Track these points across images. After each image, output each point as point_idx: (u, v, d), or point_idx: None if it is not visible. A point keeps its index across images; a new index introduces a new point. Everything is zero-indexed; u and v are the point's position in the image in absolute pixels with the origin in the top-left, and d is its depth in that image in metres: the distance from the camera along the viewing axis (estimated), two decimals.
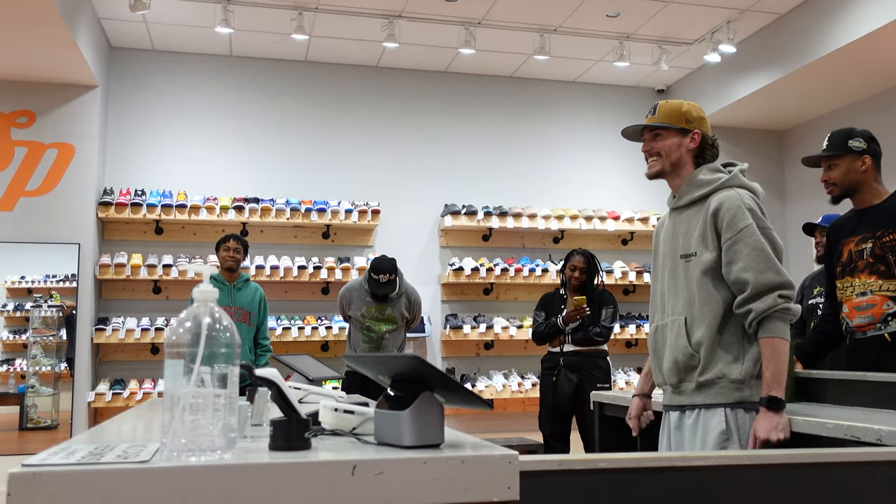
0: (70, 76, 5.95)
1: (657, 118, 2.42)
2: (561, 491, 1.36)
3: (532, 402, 6.62)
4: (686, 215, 2.38)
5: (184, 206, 6.24)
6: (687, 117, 2.40)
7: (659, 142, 2.41)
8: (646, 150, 2.45)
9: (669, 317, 2.36)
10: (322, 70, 7.02)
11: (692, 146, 2.40)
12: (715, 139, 2.45)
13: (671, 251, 2.41)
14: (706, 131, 2.42)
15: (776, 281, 2.18)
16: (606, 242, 7.35)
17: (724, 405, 2.21)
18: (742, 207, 2.26)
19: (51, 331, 6.14)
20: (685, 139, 2.39)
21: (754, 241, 2.22)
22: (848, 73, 6.06)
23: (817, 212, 6.95)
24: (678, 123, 2.39)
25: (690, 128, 2.40)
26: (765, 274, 2.18)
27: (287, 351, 6.14)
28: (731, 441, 2.19)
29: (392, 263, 4.94)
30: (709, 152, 2.42)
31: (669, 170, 2.42)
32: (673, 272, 2.38)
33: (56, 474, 1.11)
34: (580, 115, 7.53)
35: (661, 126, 2.41)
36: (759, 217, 2.27)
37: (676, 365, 2.30)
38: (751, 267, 2.19)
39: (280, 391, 1.38)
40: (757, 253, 2.21)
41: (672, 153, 2.40)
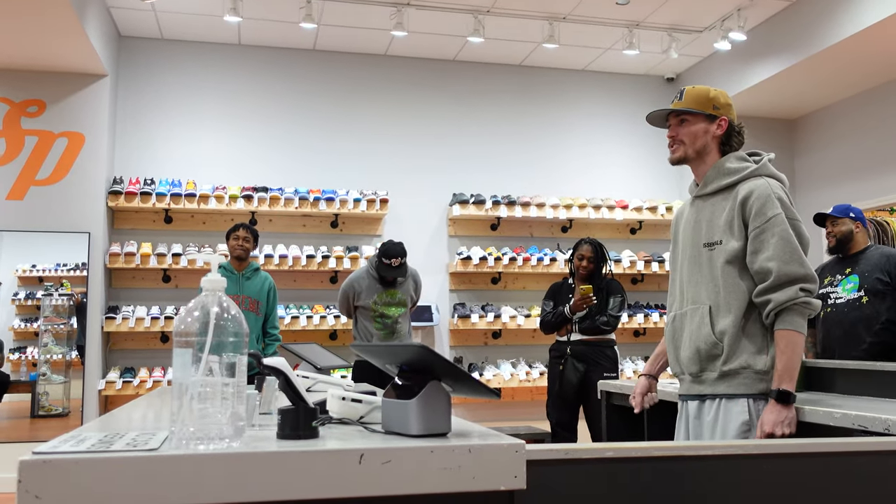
0: (79, 65, 5.97)
1: (684, 103, 2.38)
2: (567, 480, 1.36)
3: (540, 391, 6.63)
4: (710, 203, 2.36)
5: (193, 195, 6.25)
6: (714, 103, 2.37)
7: (685, 127, 2.38)
8: (671, 136, 2.41)
9: (689, 305, 2.33)
10: (331, 59, 7.01)
11: (718, 133, 2.37)
12: (741, 127, 2.41)
13: (692, 239, 2.38)
14: (733, 118, 2.40)
15: (799, 273, 2.17)
16: (615, 231, 7.33)
17: (747, 396, 2.19)
18: (772, 197, 2.24)
19: (62, 319, 6.18)
20: (712, 126, 2.37)
21: (782, 230, 2.20)
22: (859, 61, 6.01)
23: (827, 201, 6.92)
24: (706, 109, 2.36)
25: (718, 114, 2.37)
26: (789, 265, 2.17)
27: (295, 340, 6.16)
28: (752, 432, 2.18)
29: (401, 247, 4.98)
30: (735, 140, 2.39)
31: (693, 156, 2.39)
32: (694, 260, 2.35)
33: (66, 462, 1.12)
34: (589, 103, 7.50)
35: (688, 111, 2.37)
36: (788, 208, 2.25)
37: (698, 353, 2.27)
38: (776, 257, 2.18)
39: (288, 380, 1.39)
40: (784, 243, 2.19)
41: (698, 139, 2.37)
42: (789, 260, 2.17)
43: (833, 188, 7.00)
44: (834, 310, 4.03)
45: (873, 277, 3.91)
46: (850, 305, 3.96)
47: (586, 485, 1.37)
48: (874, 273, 3.92)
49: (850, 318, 3.94)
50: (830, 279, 4.11)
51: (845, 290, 4.00)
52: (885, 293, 3.88)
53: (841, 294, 4.01)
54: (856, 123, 6.80)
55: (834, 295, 4.05)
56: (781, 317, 2.17)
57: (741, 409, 2.19)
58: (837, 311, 4.01)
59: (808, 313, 2.18)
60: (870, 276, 3.92)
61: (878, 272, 3.91)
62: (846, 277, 4.03)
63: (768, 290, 2.18)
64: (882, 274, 3.90)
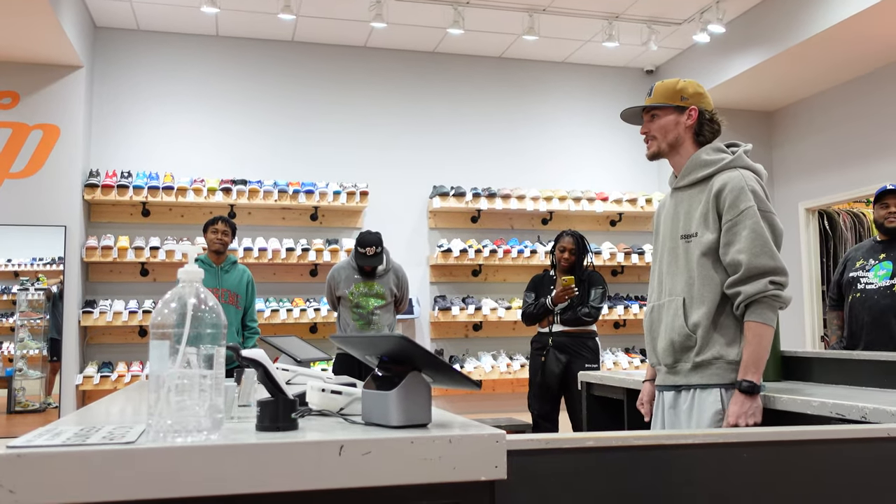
0: (54, 56, 5.88)
1: (653, 99, 2.40)
2: (549, 470, 1.36)
3: (521, 382, 6.66)
4: (688, 195, 2.37)
5: (170, 187, 6.20)
6: (682, 94, 2.37)
7: (656, 122, 2.39)
8: (644, 132, 2.42)
9: (666, 297, 2.35)
10: (310, 50, 6.97)
11: (689, 123, 2.37)
12: (714, 114, 2.40)
13: (671, 231, 2.39)
14: (704, 107, 2.39)
15: (769, 266, 2.18)
16: (595, 223, 7.36)
17: (719, 385, 2.22)
18: (745, 189, 2.24)
19: (38, 314, 6.10)
20: (682, 117, 2.37)
21: (753, 223, 2.20)
22: (837, 53, 6.06)
23: (805, 192, 7.00)
24: (673, 101, 2.36)
25: (686, 104, 2.36)
26: (760, 258, 2.18)
27: (275, 333, 6.13)
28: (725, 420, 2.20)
29: (377, 236, 4.97)
30: (707, 128, 2.38)
31: (667, 150, 2.39)
32: (672, 252, 2.37)
33: (41, 455, 1.10)
34: (569, 96, 7.51)
35: (656, 106, 2.38)
36: (761, 200, 2.25)
37: (672, 345, 2.30)
38: (746, 249, 2.19)
39: (267, 372, 1.38)
40: (755, 236, 2.20)
41: (669, 132, 2.37)
42: (760, 252, 2.18)
43: (810, 180, 7.07)
44: (863, 295, 3.85)
45: None
46: (880, 292, 3.79)
47: (567, 474, 1.38)
48: None
49: (879, 306, 3.78)
50: (863, 263, 3.94)
51: (877, 276, 3.83)
52: None
53: (872, 280, 3.85)
54: (833, 115, 6.86)
55: (864, 280, 3.89)
56: (751, 309, 2.19)
57: (714, 398, 2.22)
58: (867, 296, 3.83)
59: (777, 306, 2.19)
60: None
61: None
62: (879, 263, 3.86)
63: (738, 282, 2.20)
64: None
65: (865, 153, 6.49)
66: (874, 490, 1.54)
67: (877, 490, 1.54)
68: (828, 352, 2.79)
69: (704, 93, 2.41)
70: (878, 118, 6.40)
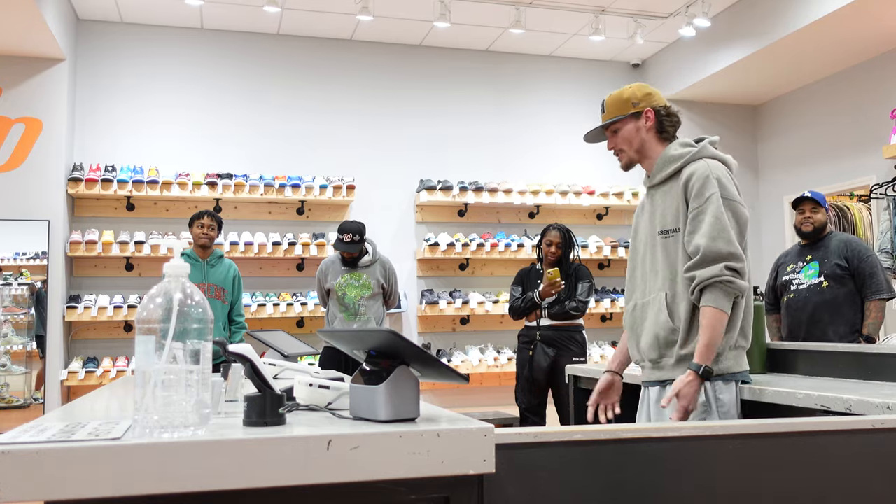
0: (36, 49, 5.82)
1: (607, 115, 2.43)
2: (537, 463, 1.37)
3: (508, 376, 6.67)
4: (661, 192, 2.39)
5: (155, 181, 6.16)
6: (633, 101, 2.39)
7: (618, 135, 2.42)
8: (611, 148, 2.45)
9: (650, 294, 2.36)
10: (295, 43, 6.93)
11: (649, 125, 2.39)
12: (669, 108, 2.43)
13: (650, 229, 2.41)
14: (657, 105, 2.40)
15: (725, 251, 2.18)
16: (582, 217, 7.38)
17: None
18: (710, 177, 2.26)
19: (22, 309, 6.05)
20: (640, 122, 2.39)
21: (714, 209, 2.22)
22: (822, 47, 6.09)
23: (790, 186, 7.04)
24: (627, 111, 2.39)
25: (640, 109, 2.39)
26: (716, 242, 2.19)
27: (262, 328, 6.11)
28: (710, 412, 2.22)
29: (357, 225, 4.95)
30: (667, 122, 2.41)
31: (637, 157, 2.42)
32: (652, 249, 2.38)
33: (27, 452, 1.09)
34: (556, 89, 7.51)
35: (612, 121, 2.41)
36: (724, 187, 2.27)
37: (657, 340, 2.31)
38: (705, 234, 2.20)
39: (254, 366, 1.37)
40: (714, 221, 2.21)
41: (633, 140, 2.40)
42: (717, 237, 2.19)
43: (796, 173, 7.11)
44: (797, 295, 4.16)
45: (832, 263, 4.06)
46: (812, 290, 4.10)
47: (556, 467, 1.38)
48: (833, 259, 4.07)
49: (812, 303, 4.08)
50: (793, 266, 4.25)
51: (807, 277, 4.14)
52: (844, 278, 4.04)
53: (803, 280, 4.15)
54: (818, 109, 6.90)
55: (797, 281, 4.19)
56: (705, 293, 2.19)
57: None
58: (800, 295, 4.15)
59: (732, 292, 2.19)
60: (829, 262, 4.08)
61: (837, 258, 4.07)
62: (807, 264, 4.18)
63: (694, 266, 2.21)
64: (841, 259, 4.06)
65: (850, 146, 6.54)
66: (859, 481, 1.55)
67: (861, 481, 1.55)
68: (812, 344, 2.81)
69: (653, 91, 2.43)
70: (863, 112, 6.44)
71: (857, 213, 6.26)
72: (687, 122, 7.28)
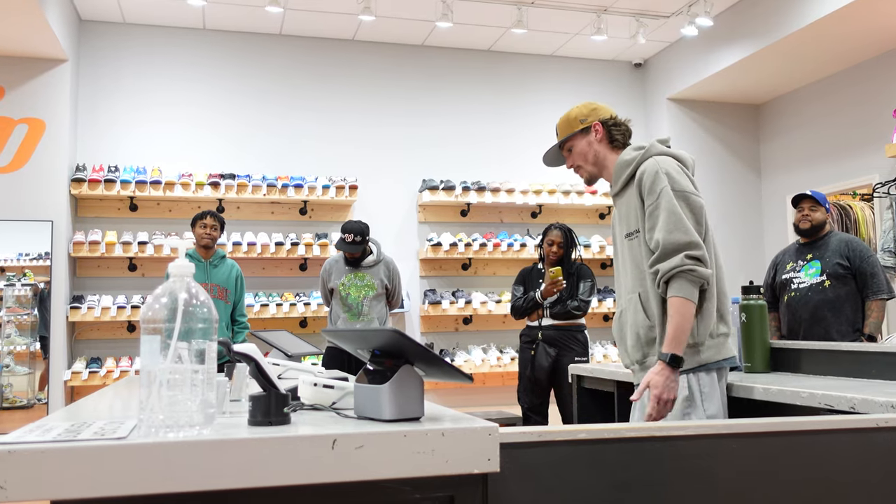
0: (39, 50, 5.83)
1: (559, 136, 2.54)
2: (541, 462, 1.37)
3: (511, 376, 6.67)
4: (624, 198, 2.45)
5: (158, 182, 6.16)
6: (580, 118, 2.49)
7: (574, 153, 2.52)
8: (569, 167, 2.57)
9: (626, 296, 2.41)
10: (298, 44, 6.94)
11: (599, 137, 2.48)
12: (615, 117, 2.50)
13: (619, 234, 2.49)
14: (603, 117, 2.48)
15: (683, 241, 2.21)
16: (584, 217, 7.38)
17: (685, 371, 2.24)
18: (659, 173, 2.30)
19: (25, 310, 6.06)
20: (589, 136, 2.48)
21: (667, 202, 2.26)
22: (824, 46, 6.09)
23: (793, 185, 7.03)
24: (576, 128, 2.49)
25: (588, 123, 2.48)
26: (673, 234, 2.22)
27: (265, 328, 6.12)
28: (693, 407, 2.23)
29: (360, 225, 4.95)
30: (616, 131, 2.48)
31: (596, 170, 2.51)
32: (623, 254, 2.45)
33: (33, 451, 1.10)
34: (558, 89, 7.51)
35: (565, 140, 2.51)
36: (674, 179, 2.30)
37: (639, 340, 2.34)
38: (661, 227, 2.24)
39: (259, 366, 1.37)
40: (667, 214, 2.25)
41: (588, 154, 2.49)
42: (673, 229, 2.23)
43: (798, 172, 7.10)
44: (798, 294, 4.17)
45: (834, 262, 4.08)
46: (813, 289, 4.12)
47: (560, 466, 1.38)
48: (834, 258, 4.10)
49: (814, 302, 4.10)
50: (793, 265, 4.26)
51: (808, 275, 4.16)
52: (846, 277, 4.06)
53: (804, 279, 4.16)
54: (820, 108, 6.89)
55: (797, 280, 4.20)
56: (670, 285, 2.22)
57: (681, 385, 2.23)
58: (801, 294, 4.16)
59: (695, 280, 2.21)
60: (830, 261, 4.10)
61: (838, 257, 4.10)
62: (808, 263, 4.19)
63: (656, 260, 2.25)
64: (842, 259, 4.09)
65: (852, 145, 6.53)
66: (863, 480, 1.55)
67: (865, 480, 1.55)
68: (816, 343, 2.81)
69: (599, 106, 2.52)
70: (866, 110, 6.43)
71: (859, 213, 6.25)
72: (689, 122, 7.32)
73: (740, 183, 7.45)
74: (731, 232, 7.28)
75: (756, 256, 7.28)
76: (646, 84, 7.69)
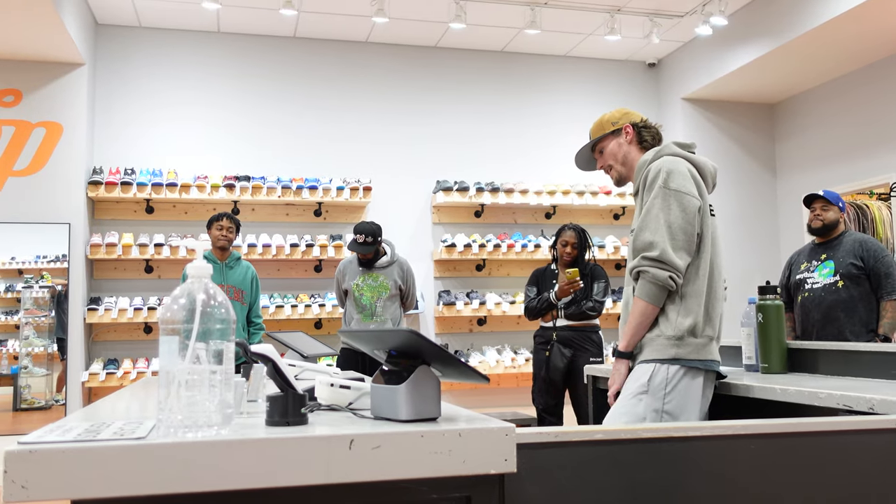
0: (56, 54, 5.89)
1: (592, 137, 2.63)
2: (558, 463, 1.37)
3: (525, 377, 6.66)
4: (639, 197, 2.48)
5: (174, 184, 6.20)
6: (612, 121, 2.58)
7: (605, 154, 2.59)
8: (600, 167, 2.64)
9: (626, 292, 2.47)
10: (311, 46, 6.96)
11: (629, 139, 2.54)
12: (646, 121, 2.58)
13: None
14: (636, 120, 2.56)
15: (647, 241, 2.27)
16: (598, 217, 7.36)
17: (654, 361, 2.25)
18: (660, 172, 2.33)
19: (42, 311, 6.12)
20: (620, 138, 2.55)
21: (651, 202, 2.31)
22: (839, 45, 6.04)
23: (809, 185, 6.98)
24: (607, 129, 2.57)
25: (619, 126, 2.56)
26: (643, 233, 2.30)
27: (280, 329, 6.14)
28: (648, 395, 2.22)
29: (372, 226, 4.96)
30: (646, 133, 2.54)
31: (625, 170, 2.56)
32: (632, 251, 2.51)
33: (53, 451, 1.11)
34: (572, 89, 7.50)
35: (597, 140, 2.60)
36: (671, 178, 2.31)
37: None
38: (639, 226, 2.33)
39: (276, 366, 1.38)
40: (646, 213, 2.31)
41: (618, 155, 2.56)
42: (644, 228, 2.30)
43: (814, 171, 7.06)
44: (812, 294, 4.15)
45: (847, 262, 4.06)
46: (827, 289, 4.09)
47: (577, 467, 1.38)
48: (848, 258, 4.07)
49: (827, 302, 4.07)
50: (807, 265, 4.24)
51: (822, 276, 4.13)
52: (860, 277, 4.04)
53: (818, 279, 4.14)
54: (836, 107, 6.84)
55: (811, 280, 4.17)
56: (637, 283, 2.30)
57: (643, 371, 2.26)
58: (815, 294, 4.14)
59: (651, 281, 2.25)
60: (844, 262, 4.07)
61: (852, 258, 4.07)
62: (822, 263, 4.17)
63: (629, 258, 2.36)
64: (856, 259, 4.06)
65: (869, 144, 6.48)
66: (882, 481, 1.54)
67: (884, 481, 1.54)
68: (833, 343, 2.79)
69: (629, 111, 2.60)
70: (881, 109, 6.38)
71: (876, 212, 6.20)
72: (703, 122, 7.29)
73: (756, 183, 7.40)
74: (747, 232, 7.24)
75: (772, 256, 7.24)
76: (660, 84, 7.66)
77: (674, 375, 2.24)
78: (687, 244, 2.27)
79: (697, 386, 2.26)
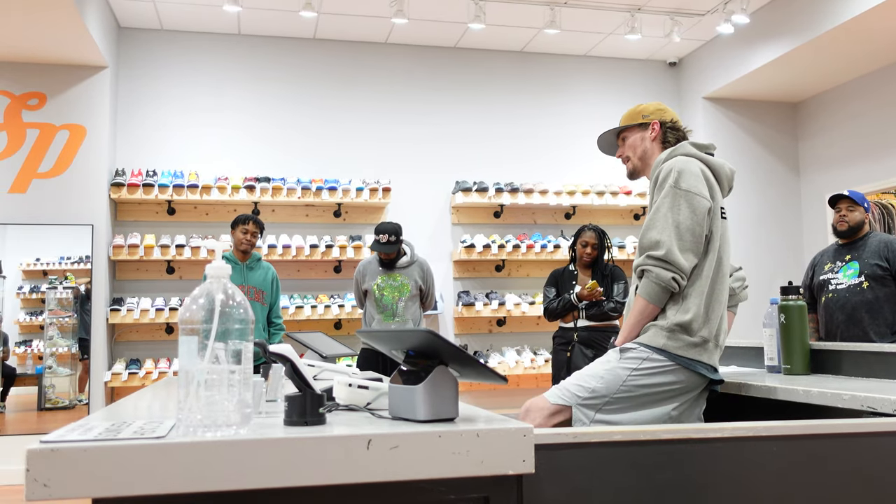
0: (79, 57, 5.95)
1: (619, 125, 2.62)
2: (576, 464, 1.36)
3: (544, 377, 6.64)
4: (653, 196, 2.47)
5: (195, 186, 6.25)
6: (643, 113, 2.56)
7: (626, 143, 2.58)
8: (619, 155, 2.62)
9: None
10: (331, 47, 6.99)
11: (654, 136, 2.53)
12: (676, 122, 2.55)
13: None
14: (665, 119, 2.54)
15: (653, 240, 2.26)
16: (618, 218, 7.32)
17: (643, 345, 2.23)
18: (672, 171, 2.32)
19: (66, 312, 6.19)
20: (646, 132, 2.54)
21: (659, 201, 2.30)
22: (864, 42, 5.97)
23: (833, 184, 6.91)
24: (635, 121, 2.56)
25: (648, 120, 2.54)
26: (649, 232, 2.29)
27: (300, 329, 6.17)
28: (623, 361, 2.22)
29: (393, 225, 4.98)
30: (671, 134, 2.52)
31: (641, 165, 2.55)
32: None
33: (74, 450, 1.12)
34: (592, 89, 7.47)
35: (622, 128, 2.59)
36: (682, 177, 2.30)
37: None
38: (644, 225, 2.33)
39: (294, 366, 1.39)
40: (654, 212, 2.31)
41: (637, 148, 2.55)
42: (650, 227, 2.29)
43: (838, 171, 6.98)
44: (836, 295, 4.11)
45: (872, 263, 4.02)
46: (851, 290, 4.05)
47: (595, 468, 1.37)
48: (873, 259, 4.03)
49: (852, 303, 4.03)
50: (831, 266, 4.20)
51: (846, 276, 4.10)
52: (885, 278, 4.00)
53: (842, 280, 4.10)
54: (861, 105, 6.76)
55: (835, 281, 4.14)
56: (640, 280, 2.29)
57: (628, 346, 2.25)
58: (839, 295, 4.10)
59: (653, 280, 2.23)
60: (869, 262, 4.04)
61: (877, 258, 4.03)
62: (846, 264, 4.13)
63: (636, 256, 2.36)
64: (881, 260, 4.02)
65: (893, 143, 6.39)
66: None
67: None
68: (858, 344, 2.76)
69: (664, 108, 2.59)
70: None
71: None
72: (725, 121, 7.23)
73: (779, 182, 7.33)
74: (770, 232, 7.17)
75: (795, 257, 7.16)
76: (681, 83, 7.61)
77: (653, 363, 2.20)
78: (694, 245, 2.25)
79: (671, 386, 2.21)
